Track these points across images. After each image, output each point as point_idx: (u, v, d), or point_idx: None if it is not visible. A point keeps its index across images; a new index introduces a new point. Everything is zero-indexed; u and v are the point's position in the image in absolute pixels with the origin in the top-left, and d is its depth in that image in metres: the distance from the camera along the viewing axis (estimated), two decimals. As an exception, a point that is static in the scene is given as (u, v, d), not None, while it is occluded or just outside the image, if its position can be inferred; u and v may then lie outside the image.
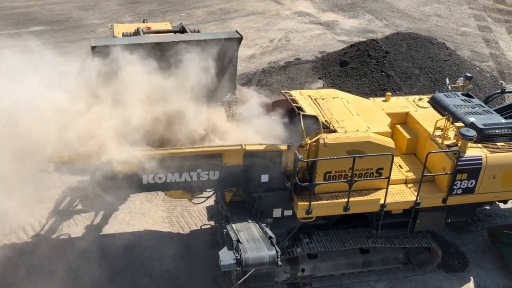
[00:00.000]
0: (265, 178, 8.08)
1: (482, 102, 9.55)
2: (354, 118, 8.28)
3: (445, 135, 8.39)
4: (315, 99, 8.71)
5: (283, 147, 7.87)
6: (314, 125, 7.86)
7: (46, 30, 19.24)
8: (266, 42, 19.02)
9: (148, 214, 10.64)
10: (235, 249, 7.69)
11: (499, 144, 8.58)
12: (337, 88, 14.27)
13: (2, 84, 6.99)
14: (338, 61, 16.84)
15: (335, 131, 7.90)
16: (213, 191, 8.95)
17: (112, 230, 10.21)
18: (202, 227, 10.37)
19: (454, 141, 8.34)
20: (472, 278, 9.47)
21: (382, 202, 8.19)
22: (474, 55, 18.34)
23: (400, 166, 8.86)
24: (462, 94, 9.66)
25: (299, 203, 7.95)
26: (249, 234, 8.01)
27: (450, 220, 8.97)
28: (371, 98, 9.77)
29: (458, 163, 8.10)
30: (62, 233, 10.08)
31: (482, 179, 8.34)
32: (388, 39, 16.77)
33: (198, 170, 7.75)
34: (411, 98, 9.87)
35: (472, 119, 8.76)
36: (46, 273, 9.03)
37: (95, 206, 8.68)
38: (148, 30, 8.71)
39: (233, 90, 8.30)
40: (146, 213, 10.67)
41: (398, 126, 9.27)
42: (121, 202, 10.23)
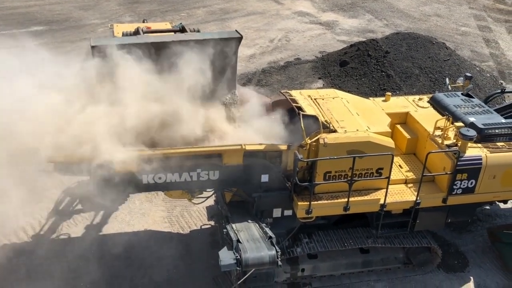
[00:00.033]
0: (265, 178, 8.08)
1: (482, 102, 9.55)
2: (354, 118, 8.28)
3: (445, 135, 8.39)
4: (315, 99, 8.71)
5: (283, 147, 7.86)
6: (314, 125, 7.85)
7: (46, 30, 19.23)
8: (266, 42, 19.01)
9: (148, 214, 10.63)
10: (235, 249, 7.69)
11: (499, 144, 8.58)
12: (337, 88, 14.27)
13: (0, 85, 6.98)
14: (338, 61, 16.83)
15: (335, 131, 7.90)
16: (213, 191, 8.94)
17: (112, 230, 10.20)
18: (202, 227, 10.36)
19: (454, 141, 8.34)
20: (472, 278, 9.47)
21: (382, 202, 8.19)
22: (474, 55, 18.33)
23: (400, 166, 8.86)
24: (462, 94, 9.66)
25: (299, 203, 7.95)
26: (249, 234, 8.01)
27: (450, 220, 8.97)
28: (371, 98, 9.77)
29: (458, 163, 8.10)
30: (62, 233, 10.07)
31: (482, 179, 8.34)
32: (388, 39, 16.77)
33: (198, 170, 7.74)
34: (411, 98, 9.87)
35: (472, 119, 8.76)
36: (46, 273, 9.05)
37: (95, 206, 8.68)
38: (148, 29, 8.69)
39: (233, 90, 8.29)
40: (146, 213, 10.67)
41: (398, 126, 9.26)
42: (121, 202, 10.25)
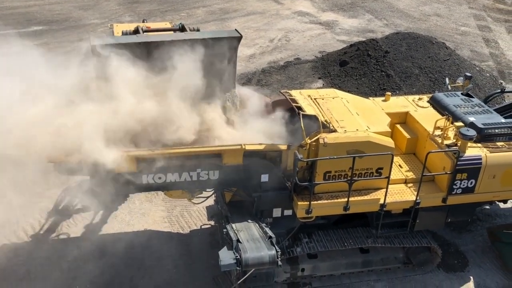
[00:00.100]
0: (265, 178, 8.07)
1: (481, 102, 9.54)
2: (354, 117, 8.28)
3: (445, 135, 8.39)
4: (315, 99, 8.71)
5: (283, 147, 7.86)
6: (314, 124, 7.85)
7: (45, 30, 19.24)
8: (266, 41, 19.01)
9: (148, 214, 10.63)
10: (235, 249, 7.69)
11: (499, 143, 8.58)
12: (337, 87, 14.29)
13: None
14: (338, 60, 16.84)
15: (335, 131, 7.89)
16: (213, 191, 8.95)
17: (112, 230, 10.20)
18: (202, 227, 10.36)
19: (454, 140, 8.34)
20: (472, 277, 9.47)
21: (382, 201, 8.19)
22: (473, 55, 18.34)
23: (400, 165, 8.86)
24: (461, 93, 9.66)
25: (299, 203, 7.95)
26: (249, 234, 8.01)
27: (450, 219, 8.97)
28: (371, 98, 9.76)
29: (458, 163, 8.10)
30: (61, 233, 10.08)
31: (482, 179, 8.34)
32: (387, 39, 16.77)
33: (198, 170, 7.74)
34: (411, 97, 9.86)
35: (471, 119, 8.76)
36: (46, 273, 9.05)
37: (95, 206, 8.67)
38: (147, 29, 8.68)
39: (232, 90, 8.29)
40: (146, 213, 10.67)
41: (398, 126, 9.26)
42: (120, 202, 10.25)
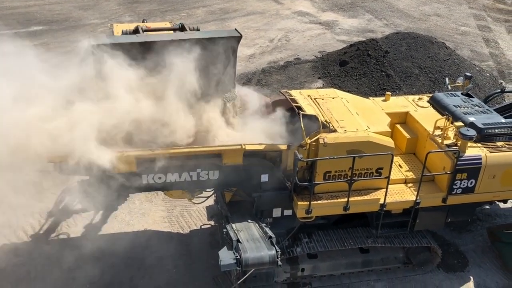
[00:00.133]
0: (265, 178, 8.08)
1: (481, 102, 9.54)
2: (354, 117, 8.28)
3: (444, 135, 8.39)
4: (315, 99, 8.70)
5: (283, 147, 7.86)
6: (313, 124, 7.85)
7: (45, 30, 19.23)
8: (266, 41, 19.01)
9: (148, 214, 10.63)
10: (235, 249, 7.69)
11: (499, 143, 8.58)
12: (336, 87, 14.28)
13: None
14: (338, 60, 16.84)
15: (335, 131, 7.89)
16: (213, 191, 8.94)
17: (112, 230, 10.20)
18: (202, 227, 10.36)
19: (454, 140, 8.34)
20: (472, 277, 9.47)
21: (382, 201, 8.19)
22: (473, 55, 18.33)
23: (400, 165, 8.86)
24: (461, 93, 9.66)
25: (299, 203, 7.94)
26: (249, 234, 8.01)
27: (450, 219, 8.97)
28: (371, 98, 9.76)
29: (458, 163, 8.10)
30: (61, 233, 10.08)
31: (481, 179, 8.34)
32: (387, 39, 16.77)
33: (198, 170, 7.74)
34: (411, 97, 9.86)
35: (471, 119, 8.76)
36: (46, 273, 9.04)
37: (95, 206, 8.66)
38: (147, 28, 8.67)
39: (232, 90, 8.28)
40: (146, 213, 10.67)
41: (398, 126, 9.26)
42: (120, 202, 10.24)
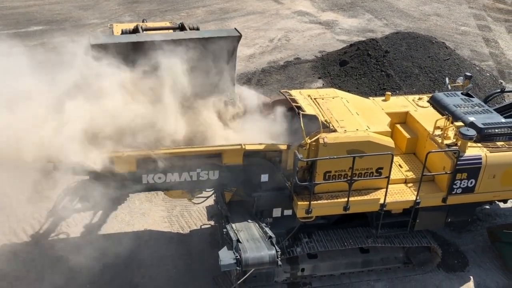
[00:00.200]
0: (265, 178, 8.07)
1: (481, 102, 9.54)
2: (354, 117, 8.28)
3: (444, 135, 8.38)
4: (315, 99, 8.70)
5: (283, 147, 7.86)
6: (313, 124, 7.84)
7: (45, 30, 19.22)
8: (266, 41, 19.00)
9: (148, 214, 10.63)
10: (235, 249, 7.68)
11: (499, 143, 8.57)
12: (336, 87, 14.27)
13: None
14: (338, 60, 16.83)
15: (335, 131, 7.89)
16: (213, 191, 8.94)
17: (112, 230, 10.20)
18: (202, 227, 10.36)
19: (454, 140, 8.34)
20: (472, 277, 9.47)
21: (382, 201, 8.19)
22: (473, 55, 18.33)
23: (400, 165, 8.86)
24: (461, 93, 9.65)
25: (299, 203, 7.94)
26: (249, 233, 8.00)
27: (450, 219, 8.97)
28: (371, 98, 9.76)
29: (458, 163, 8.09)
30: (61, 232, 10.08)
31: (481, 179, 8.34)
32: (387, 39, 16.76)
33: (198, 170, 7.74)
34: (411, 97, 9.86)
35: (471, 119, 8.75)
36: (46, 273, 9.05)
37: (95, 205, 8.66)
38: (147, 27, 8.65)
39: (232, 90, 8.28)
40: (146, 213, 10.66)
41: (398, 126, 9.26)
42: (120, 202, 10.25)
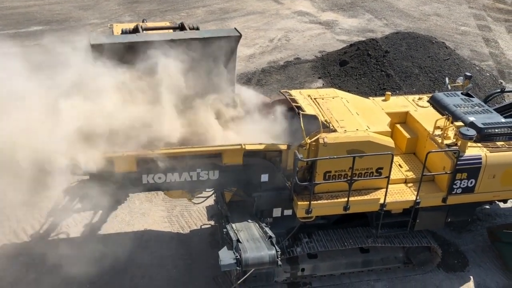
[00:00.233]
0: (265, 178, 8.07)
1: (481, 102, 9.54)
2: (354, 117, 8.28)
3: (444, 135, 8.38)
4: (315, 99, 8.70)
5: (283, 147, 7.86)
6: (313, 124, 7.85)
7: (45, 30, 19.21)
8: (266, 41, 19.00)
9: (148, 214, 10.63)
10: (235, 248, 7.69)
11: (499, 143, 8.57)
12: (336, 87, 14.27)
13: None
14: (338, 60, 16.83)
15: (335, 131, 7.89)
16: (213, 191, 8.94)
17: (112, 230, 10.20)
18: (202, 227, 10.36)
19: (454, 140, 8.34)
20: (472, 277, 9.47)
21: (382, 201, 8.19)
22: (473, 55, 18.33)
23: (400, 165, 8.86)
24: (461, 93, 9.65)
25: (299, 203, 7.94)
26: (249, 233, 8.01)
27: (450, 219, 8.97)
28: (371, 98, 9.75)
29: (458, 163, 8.09)
30: (61, 232, 10.08)
31: (482, 179, 8.34)
32: (387, 39, 16.76)
33: (198, 170, 7.74)
34: (411, 97, 9.86)
35: (471, 119, 8.75)
36: (46, 273, 9.04)
37: (95, 205, 8.65)
38: (147, 27, 8.65)
39: (232, 90, 8.28)
40: (146, 213, 10.67)
41: (398, 126, 9.26)
42: (120, 202, 10.23)
